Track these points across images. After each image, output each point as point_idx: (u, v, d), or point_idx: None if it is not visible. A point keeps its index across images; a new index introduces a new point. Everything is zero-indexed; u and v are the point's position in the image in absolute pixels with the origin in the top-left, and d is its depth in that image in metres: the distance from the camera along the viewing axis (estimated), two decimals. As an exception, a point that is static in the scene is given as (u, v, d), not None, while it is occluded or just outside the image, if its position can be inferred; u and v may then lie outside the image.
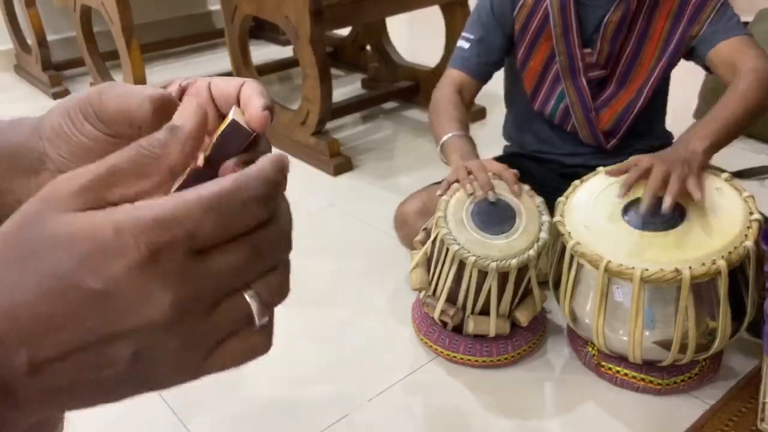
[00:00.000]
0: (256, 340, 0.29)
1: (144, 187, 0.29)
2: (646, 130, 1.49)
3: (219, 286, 0.28)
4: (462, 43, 1.47)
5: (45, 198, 0.27)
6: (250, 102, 0.38)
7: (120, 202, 0.28)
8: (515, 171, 1.26)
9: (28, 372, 0.26)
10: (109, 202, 0.28)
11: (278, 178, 0.29)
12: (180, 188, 0.39)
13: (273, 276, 0.30)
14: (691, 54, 1.37)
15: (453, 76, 1.45)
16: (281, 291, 0.30)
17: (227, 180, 0.28)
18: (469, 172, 1.24)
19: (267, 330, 0.30)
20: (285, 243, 0.30)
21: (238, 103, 0.39)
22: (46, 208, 0.27)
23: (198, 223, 0.26)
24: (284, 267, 0.30)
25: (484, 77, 1.47)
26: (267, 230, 0.29)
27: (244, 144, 0.38)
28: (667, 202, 1.08)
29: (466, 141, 1.33)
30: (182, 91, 0.41)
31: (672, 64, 1.39)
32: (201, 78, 0.41)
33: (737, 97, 1.20)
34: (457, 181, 1.25)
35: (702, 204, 1.12)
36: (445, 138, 1.34)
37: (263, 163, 0.29)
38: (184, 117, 0.31)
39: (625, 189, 1.17)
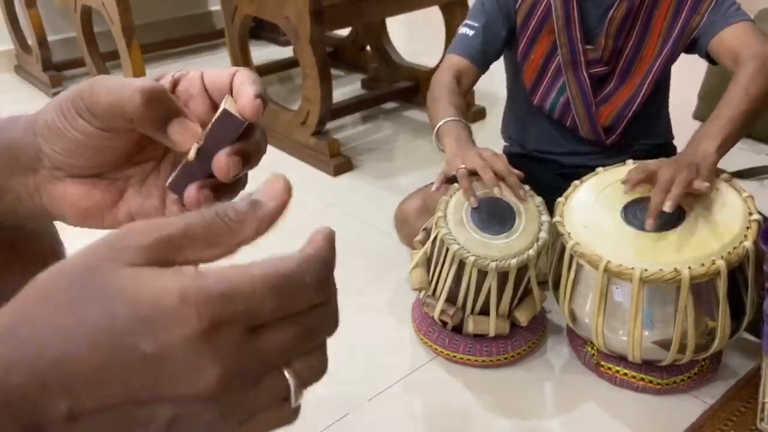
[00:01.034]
0: (286, 415, 0.30)
1: (209, 255, 0.28)
2: (647, 128, 1.48)
3: (267, 364, 0.28)
4: (465, 30, 1.45)
5: (113, 247, 0.27)
6: (242, 90, 0.38)
7: (184, 264, 0.28)
8: (520, 173, 1.23)
9: (65, 420, 0.25)
10: (173, 263, 0.27)
11: (333, 257, 0.29)
12: (173, 182, 0.40)
13: (314, 356, 0.30)
14: (693, 46, 1.36)
15: (453, 61, 1.43)
16: (319, 372, 0.30)
17: (292, 261, 0.28)
18: (472, 173, 1.22)
19: (298, 408, 0.30)
20: (333, 323, 0.30)
21: (232, 93, 0.39)
22: (113, 258, 0.27)
23: (261, 302, 0.26)
24: (325, 347, 0.31)
25: (485, 64, 1.45)
26: (319, 311, 0.29)
27: (237, 133, 0.38)
28: (666, 206, 1.08)
29: (461, 126, 1.31)
30: (175, 83, 0.41)
31: (672, 58, 1.38)
32: (194, 69, 0.41)
33: (741, 89, 1.18)
34: (454, 179, 1.24)
35: (708, 197, 1.11)
36: (440, 123, 1.32)
37: (321, 242, 0.29)
38: (270, 195, 0.30)
39: (629, 187, 1.15)
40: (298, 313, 0.28)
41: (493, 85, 1.62)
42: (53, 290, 0.27)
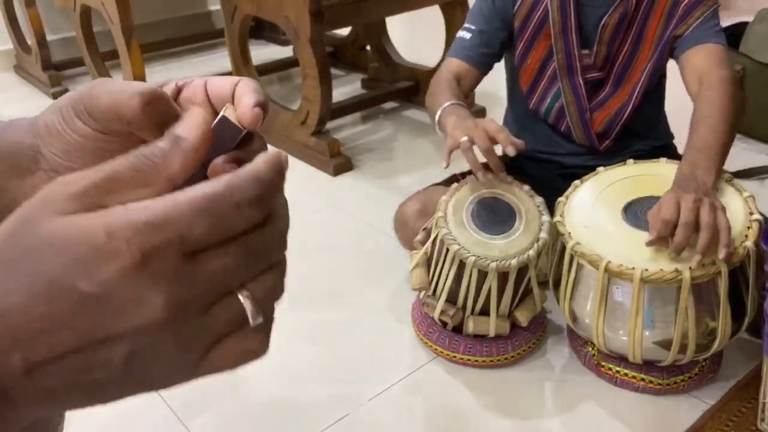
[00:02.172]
0: (252, 342, 0.29)
1: (141, 196, 0.28)
2: (645, 130, 1.48)
3: (212, 288, 0.28)
4: (463, 34, 1.46)
5: (40, 200, 0.27)
6: (242, 99, 0.38)
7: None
8: (519, 141, 1.18)
9: (23, 373, 0.26)
10: (104, 207, 0.27)
11: (273, 178, 0.29)
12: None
13: (268, 276, 0.29)
14: (671, 53, 1.37)
15: (453, 65, 1.44)
16: (275, 291, 0.30)
17: (219, 182, 0.28)
18: (472, 142, 1.19)
19: (264, 333, 0.30)
20: (280, 244, 0.30)
21: (233, 101, 0.39)
22: (41, 211, 0.27)
23: (190, 225, 0.26)
24: (279, 267, 0.30)
25: (485, 67, 1.46)
26: (261, 231, 0.29)
27: (235, 141, 0.38)
28: (722, 253, 1.03)
29: (461, 107, 1.31)
30: (178, 91, 0.41)
31: (659, 64, 1.39)
32: (197, 78, 0.41)
33: (719, 116, 1.18)
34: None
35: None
36: (440, 110, 1.32)
37: (257, 162, 0.29)
38: (189, 127, 0.30)
39: (656, 240, 1.08)
40: (240, 235, 0.28)
41: (493, 85, 1.62)
42: None
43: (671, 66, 1.42)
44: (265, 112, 0.38)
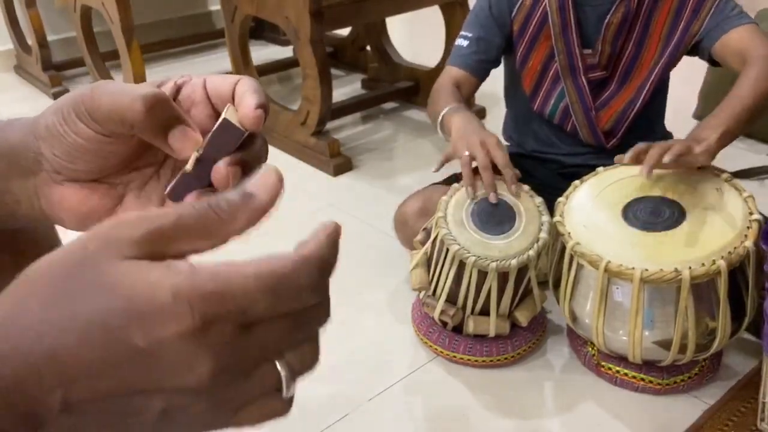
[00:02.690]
0: (280, 406, 0.30)
1: (202, 247, 0.29)
2: (646, 130, 1.48)
3: (257, 358, 0.28)
4: (460, 42, 1.47)
5: (106, 239, 0.27)
6: (244, 100, 0.38)
7: (177, 256, 0.28)
8: (517, 172, 1.24)
9: (60, 410, 0.26)
10: (166, 256, 0.28)
11: (335, 257, 0.29)
12: (172, 190, 0.39)
13: (307, 347, 0.30)
14: (695, 50, 1.36)
15: (451, 73, 1.45)
16: (312, 362, 0.31)
17: (288, 261, 0.28)
18: (473, 158, 1.21)
19: (291, 397, 0.31)
20: (325, 317, 0.31)
21: (234, 101, 0.39)
22: (106, 251, 0.27)
23: (253, 301, 0.27)
24: (317, 337, 0.31)
25: (482, 74, 1.47)
26: (313, 308, 0.29)
27: (237, 143, 0.38)
28: (666, 158, 1.06)
29: (464, 109, 1.32)
30: (177, 89, 0.40)
31: (672, 62, 1.38)
32: (196, 76, 0.41)
33: (748, 84, 1.18)
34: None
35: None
36: (444, 111, 1.32)
37: (322, 240, 0.29)
38: (263, 187, 0.30)
39: (626, 160, 1.14)
40: (291, 311, 0.28)
41: (493, 85, 1.62)
42: (45, 283, 0.27)
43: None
44: (266, 112, 0.38)
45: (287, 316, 0.28)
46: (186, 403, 0.27)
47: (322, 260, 0.29)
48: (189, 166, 0.38)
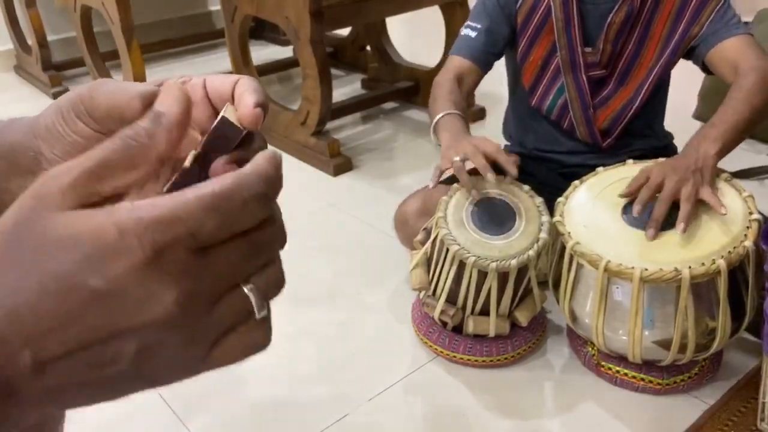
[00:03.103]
0: (256, 334, 0.30)
1: (134, 177, 0.29)
2: (645, 130, 1.48)
3: (220, 282, 0.28)
4: (467, 32, 1.45)
5: (37, 195, 0.27)
6: (242, 99, 0.38)
7: (112, 194, 0.28)
8: (516, 158, 1.21)
9: (32, 371, 0.26)
10: (102, 195, 0.28)
11: (276, 175, 0.29)
12: (171, 189, 0.39)
13: (270, 269, 0.30)
14: (690, 54, 1.37)
15: (456, 63, 1.44)
16: (278, 283, 0.31)
17: (228, 178, 0.28)
18: (465, 160, 1.20)
19: (266, 324, 0.30)
20: (281, 238, 0.31)
21: (233, 101, 0.39)
22: (41, 206, 0.27)
23: (200, 222, 0.27)
24: (279, 260, 0.31)
25: (487, 66, 1.46)
26: (264, 226, 0.29)
27: (235, 142, 0.38)
28: (679, 228, 1.08)
29: (457, 118, 1.31)
30: None
31: (670, 64, 1.39)
32: (196, 76, 0.41)
33: (742, 96, 1.19)
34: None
35: (720, 213, 1.10)
36: (437, 118, 1.32)
37: (260, 161, 0.29)
38: (167, 103, 0.31)
39: (638, 209, 1.14)
40: (246, 231, 0.28)
41: (493, 85, 1.63)
42: None
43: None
44: (265, 111, 0.38)
45: (242, 236, 0.28)
46: (159, 339, 0.27)
47: (263, 173, 0.29)
48: (187, 164, 0.38)
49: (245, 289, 0.29)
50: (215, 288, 0.28)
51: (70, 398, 0.28)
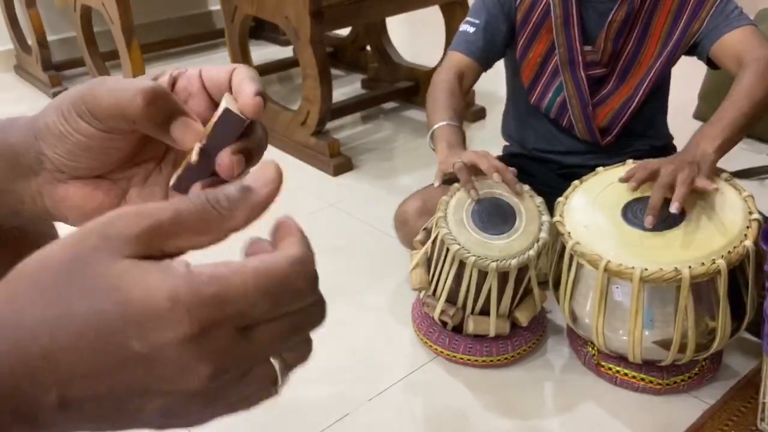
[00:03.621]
0: (270, 392, 0.31)
1: (200, 243, 0.28)
2: (645, 130, 1.48)
3: (256, 358, 0.28)
4: (466, 27, 1.45)
5: (104, 235, 0.27)
6: (242, 88, 0.38)
7: (174, 252, 0.28)
8: (514, 170, 1.23)
9: (57, 408, 0.26)
10: (164, 252, 0.27)
11: (313, 254, 0.29)
12: (176, 182, 0.39)
13: (302, 345, 0.30)
14: (694, 50, 1.36)
15: (456, 59, 1.44)
16: (304, 357, 0.31)
17: (284, 261, 0.28)
18: (471, 165, 1.21)
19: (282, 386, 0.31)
20: (322, 317, 0.31)
21: (231, 90, 0.39)
22: (104, 248, 0.27)
23: (252, 304, 0.27)
24: (310, 336, 0.31)
25: (487, 62, 1.46)
26: (310, 308, 0.29)
27: (239, 132, 0.38)
28: (673, 207, 1.08)
29: (455, 131, 1.31)
30: (173, 81, 0.40)
31: (671, 61, 1.38)
32: (191, 67, 0.41)
33: (743, 91, 1.19)
34: (454, 179, 1.24)
35: (708, 196, 1.12)
36: (436, 126, 1.32)
37: (299, 237, 0.29)
38: (260, 182, 0.30)
39: (632, 185, 1.16)
40: (289, 312, 0.28)
41: (493, 85, 1.63)
42: (40, 280, 0.26)
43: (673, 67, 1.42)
44: (264, 99, 0.38)
45: (285, 317, 0.28)
46: (183, 403, 0.27)
47: (310, 257, 0.29)
48: (193, 158, 0.38)
49: (273, 362, 0.29)
50: (249, 364, 0.28)
51: (88, 428, 0.28)
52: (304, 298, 0.28)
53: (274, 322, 0.28)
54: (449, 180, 1.31)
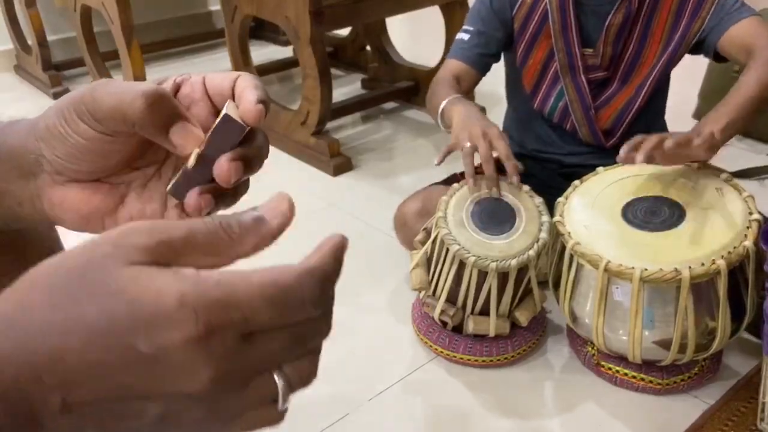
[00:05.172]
0: (274, 416, 0.31)
1: (208, 264, 0.29)
2: (645, 130, 1.48)
3: (257, 368, 0.29)
4: (462, 35, 1.47)
5: (116, 244, 0.27)
6: (244, 95, 0.38)
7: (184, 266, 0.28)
8: (520, 165, 1.22)
9: (60, 411, 0.26)
10: (172, 266, 0.28)
11: (337, 270, 0.30)
12: (173, 187, 0.39)
13: (305, 361, 0.30)
14: (698, 47, 1.36)
15: (451, 66, 1.45)
16: (308, 378, 0.31)
17: (292, 274, 0.28)
18: (474, 150, 1.20)
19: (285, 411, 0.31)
20: (327, 330, 0.31)
21: (234, 98, 0.39)
22: (116, 255, 0.27)
23: (257, 311, 0.27)
24: (316, 353, 0.31)
25: (483, 68, 1.47)
26: (314, 321, 0.30)
27: (239, 139, 0.38)
28: (639, 156, 1.06)
29: (465, 99, 1.31)
30: (177, 87, 0.40)
31: (673, 61, 1.38)
32: (195, 74, 0.41)
33: (752, 77, 1.18)
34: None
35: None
36: (443, 103, 1.32)
37: (325, 253, 0.30)
38: (274, 213, 0.31)
39: (624, 148, 1.11)
40: (293, 323, 0.29)
41: (493, 85, 1.62)
42: (52, 283, 0.27)
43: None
44: (267, 107, 0.38)
45: (289, 327, 0.28)
46: (183, 408, 0.27)
47: (326, 273, 0.29)
48: (191, 163, 0.38)
49: (276, 377, 0.29)
50: (250, 372, 0.28)
51: None
52: (309, 309, 0.29)
53: (277, 331, 0.28)
54: (449, 180, 1.31)
